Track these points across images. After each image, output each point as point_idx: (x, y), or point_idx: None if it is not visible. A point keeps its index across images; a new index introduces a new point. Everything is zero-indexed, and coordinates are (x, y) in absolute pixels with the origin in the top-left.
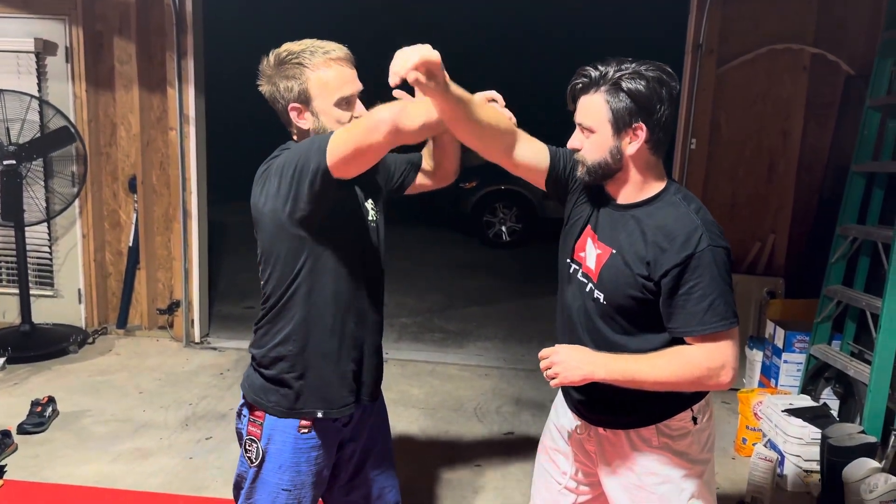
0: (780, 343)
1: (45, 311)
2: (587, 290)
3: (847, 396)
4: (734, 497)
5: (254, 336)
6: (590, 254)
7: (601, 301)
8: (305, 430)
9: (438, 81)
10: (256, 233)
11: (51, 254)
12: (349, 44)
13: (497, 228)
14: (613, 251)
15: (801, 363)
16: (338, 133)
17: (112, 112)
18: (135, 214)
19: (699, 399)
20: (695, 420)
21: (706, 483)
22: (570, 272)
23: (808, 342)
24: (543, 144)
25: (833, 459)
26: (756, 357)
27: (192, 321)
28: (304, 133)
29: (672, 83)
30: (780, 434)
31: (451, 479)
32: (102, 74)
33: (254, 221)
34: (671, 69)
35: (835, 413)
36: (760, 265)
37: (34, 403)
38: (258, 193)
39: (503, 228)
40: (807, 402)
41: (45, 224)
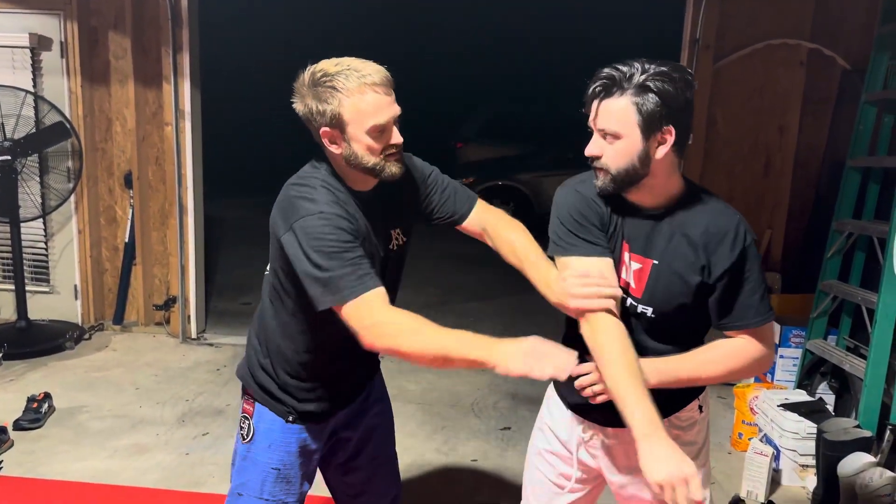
0: (777, 338)
1: (42, 308)
2: (626, 306)
3: (843, 391)
4: (730, 492)
5: None
6: (627, 269)
7: (648, 315)
8: (291, 419)
9: None
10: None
11: (46, 250)
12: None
13: None
14: (655, 262)
15: (798, 358)
16: (363, 310)
17: (107, 107)
18: (131, 210)
19: (703, 389)
20: (700, 408)
21: (705, 466)
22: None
23: (804, 337)
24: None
25: (829, 454)
26: None
27: (189, 317)
28: (335, 157)
29: (693, 83)
30: (776, 429)
31: (448, 475)
32: (97, 69)
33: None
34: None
35: (830, 408)
36: None
37: (30, 399)
38: (273, 213)
39: None
40: (803, 397)
41: (41, 220)
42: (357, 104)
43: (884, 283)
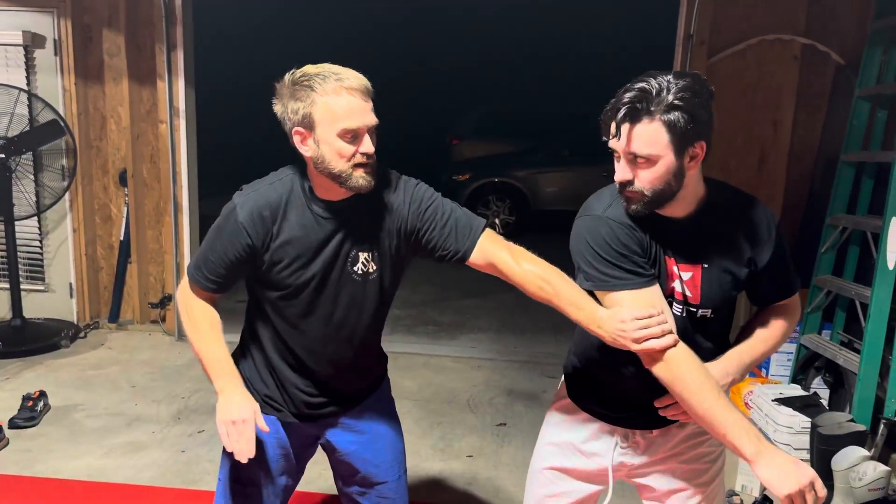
0: None
1: (37, 306)
2: (684, 316)
3: (837, 385)
4: (725, 487)
5: None
6: (678, 281)
7: (709, 316)
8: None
9: None
10: None
11: (41, 248)
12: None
13: (490, 221)
14: (704, 266)
15: (792, 353)
16: (184, 286)
17: (102, 105)
18: (126, 208)
19: None
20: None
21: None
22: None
23: (799, 332)
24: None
25: (823, 448)
26: None
27: None
28: (308, 160)
29: (713, 93)
30: (771, 423)
31: (444, 470)
32: (92, 67)
33: None
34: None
35: (825, 402)
36: None
37: (25, 398)
38: None
39: (496, 221)
40: (797, 392)
41: (36, 218)
42: (330, 105)
43: (877, 278)
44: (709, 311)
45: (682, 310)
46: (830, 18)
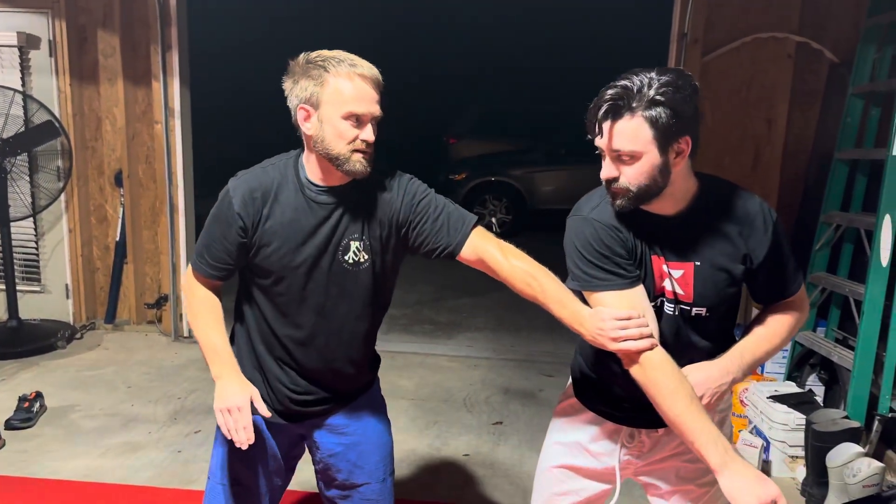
0: None
1: (33, 307)
2: (677, 314)
3: (832, 382)
4: None
5: None
6: (669, 279)
7: (703, 315)
8: None
9: None
10: None
11: (37, 249)
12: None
13: (487, 220)
14: (697, 263)
15: (787, 350)
16: (188, 275)
17: (97, 106)
18: (121, 209)
19: None
20: (731, 392)
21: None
22: (658, 308)
23: None
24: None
25: (818, 445)
26: None
27: (181, 315)
28: (308, 139)
29: (698, 88)
30: (766, 420)
31: (441, 469)
32: (86, 68)
33: None
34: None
35: (820, 399)
36: None
37: (22, 399)
38: None
39: (493, 220)
40: (792, 389)
41: (31, 219)
42: (340, 87)
43: (871, 275)
44: (703, 310)
45: (674, 308)
46: (824, 16)
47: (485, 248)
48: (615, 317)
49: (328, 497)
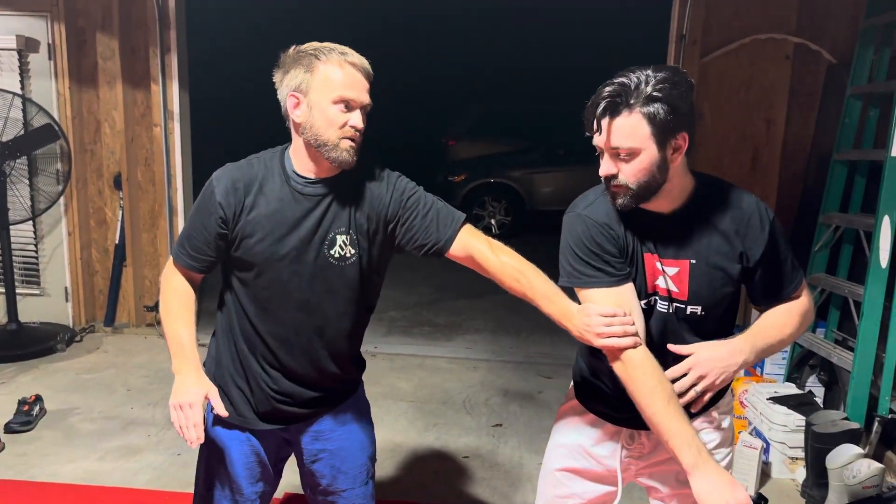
0: None
1: (32, 310)
2: (670, 312)
3: (831, 383)
4: None
5: None
6: (662, 277)
7: (699, 313)
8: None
9: None
10: None
11: (36, 252)
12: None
13: (486, 221)
14: (692, 261)
15: (787, 351)
16: (168, 265)
17: (96, 109)
18: (120, 212)
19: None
20: (732, 392)
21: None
22: (651, 306)
23: None
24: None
25: (817, 446)
26: None
27: None
28: (297, 126)
29: (693, 84)
30: (766, 422)
31: (440, 472)
32: (85, 71)
33: None
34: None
35: (819, 400)
36: None
37: (21, 402)
38: None
39: (492, 221)
40: (791, 390)
41: (31, 222)
42: (330, 73)
43: (870, 276)
44: (698, 308)
45: (668, 306)
46: (822, 18)
47: (474, 245)
48: (601, 314)
49: (316, 501)
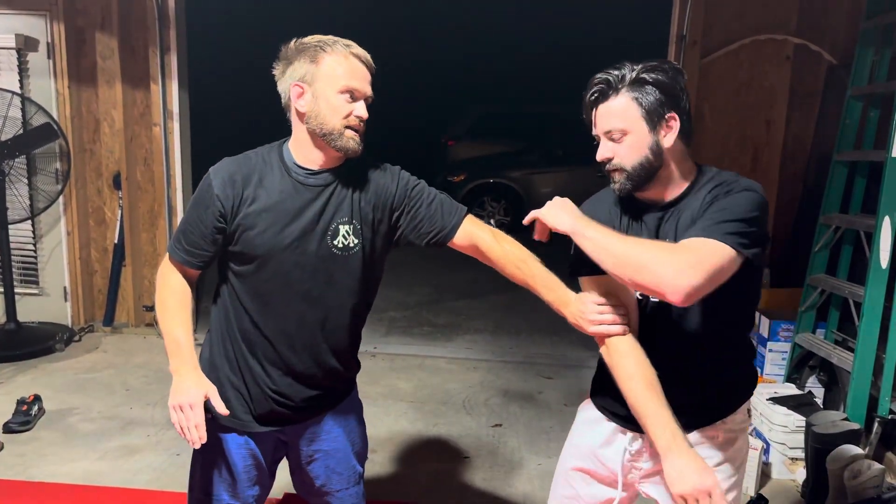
0: (765, 332)
1: (31, 310)
2: (664, 304)
3: (831, 384)
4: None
5: None
6: None
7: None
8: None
9: None
10: None
11: (35, 252)
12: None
13: (485, 221)
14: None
15: (786, 352)
16: (163, 263)
17: (95, 108)
18: (120, 211)
19: (752, 392)
20: (749, 413)
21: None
22: (645, 297)
23: (793, 331)
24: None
25: (817, 447)
26: None
27: None
28: (301, 116)
29: (683, 71)
30: (766, 422)
31: (440, 472)
32: (85, 70)
33: None
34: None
35: (819, 401)
36: None
37: (20, 402)
38: None
39: (492, 221)
40: (791, 391)
41: (30, 222)
42: (336, 63)
43: (870, 277)
44: None
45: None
46: (822, 18)
47: (478, 234)
48: (595, 301)
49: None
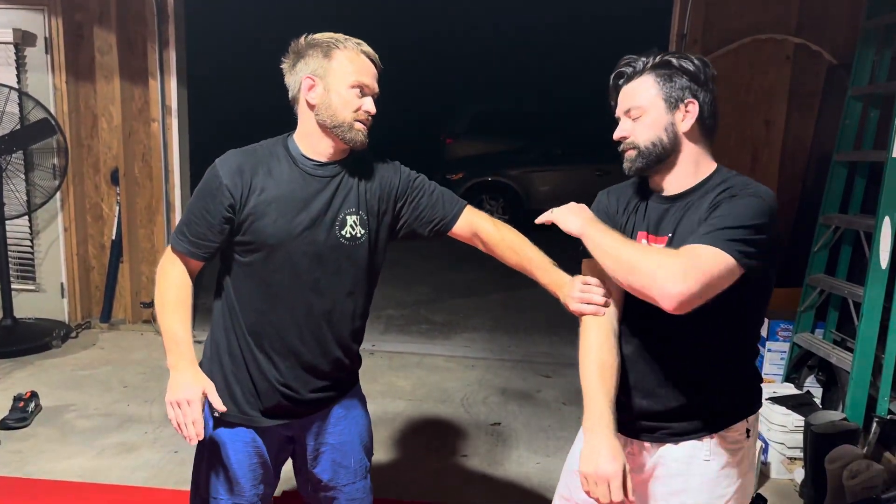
0: (765, 332)
1: (28, 306)
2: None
3: (830, 384)
4: None
5: None
6: None
7: None
8: (216, 415)
9: None
10: None
11: (32, 247)
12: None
13: None
14: (669, 235)
15: (785, 351)
16: (165, 255)
17: (93, 103)
18: (117, 207)
19: (755, 410)
20: (748, 433)
21: None
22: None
23: (792, 331)
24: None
25: (816, 446)
26: None
27: None
28: (311, 108)
29: (710, 65)
30: (764, 422)
31: (439, 470)
32: (83, 65)
33: None
34: None
35: (818, 401)
36: None
37: (16, 398)
38: None
39: None
40: (790, 390)
41: (26, 217)
42: (348, 59)
43: (870, 277)
44: None
45: None
46: (822, 18)
47: (478, 222)
48: (582, 281)
49: (317, 498)
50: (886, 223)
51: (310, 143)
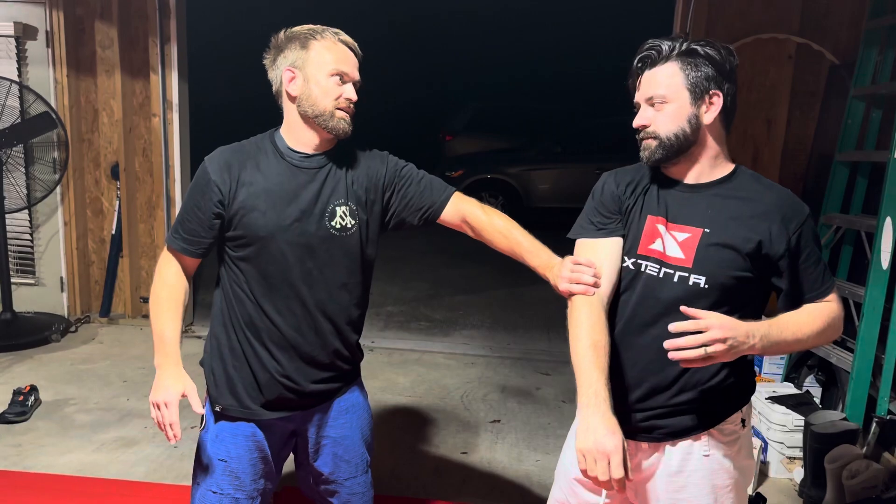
0: None
1: (27, 300)
2: (675, 281)
3: (830, 384)
4: None
5: None
6: (670, 242)
7: (701, 285)
8: (218, 409)
9: None
10: None
11: (32, 241)
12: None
13: None
14: (706, 230)
15: None
16: (162, 254)
17: (94, 98)
18: (117, 202)
19: (747, 400)
20: (743, 423)
21: (742, 495)
22: (640, 271)
23: None
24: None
25: (816, 446)
26: None
27: None
28: (292, 99)
29: (735, 58)
30: (764, 421)
31: (438, 467)
32: (84, 59)
33: None
34: None
35: (818, 400)
36: None
37: (16, 392)
38: None
39: None
40: (790, 390)
41: (27, 211)
42: (326, 49)
43: (871, 278)
44: (702, 280)
45: (672, 273)
46: (824, 18)
47: (467, 208)
48: (572, 261)
49: (318, 492)
50: (888, 224)
51: (295, 136)
